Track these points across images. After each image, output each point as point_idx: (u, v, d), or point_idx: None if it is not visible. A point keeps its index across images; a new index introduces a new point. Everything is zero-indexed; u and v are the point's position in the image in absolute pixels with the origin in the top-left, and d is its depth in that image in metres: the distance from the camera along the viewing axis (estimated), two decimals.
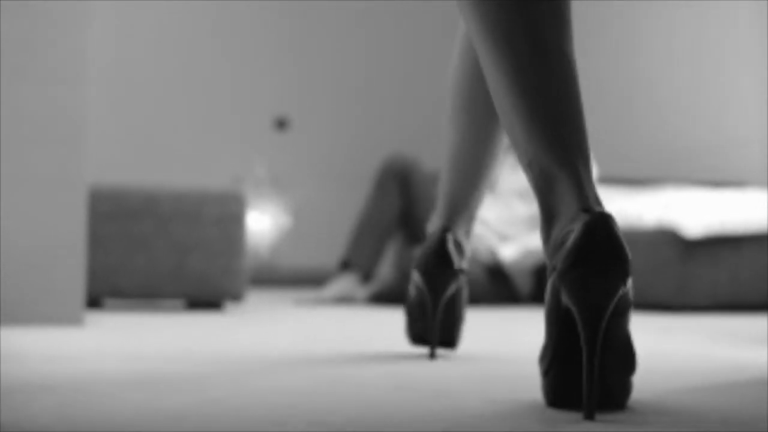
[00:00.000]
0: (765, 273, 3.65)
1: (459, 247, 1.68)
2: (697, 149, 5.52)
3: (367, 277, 4.01)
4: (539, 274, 4.13)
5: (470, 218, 1.75)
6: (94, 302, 3.19)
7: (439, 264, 1.65)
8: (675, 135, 5.69)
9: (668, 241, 3.60)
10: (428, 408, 1.14)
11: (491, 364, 1.65)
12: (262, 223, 6.25)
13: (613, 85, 6.17)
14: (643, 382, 1.43)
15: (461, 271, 1.67)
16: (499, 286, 3.95)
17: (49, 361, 1.59)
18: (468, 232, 1.74)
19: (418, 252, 1.72)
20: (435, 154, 6.80)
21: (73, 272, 2.39)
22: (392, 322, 2.73)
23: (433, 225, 1.78)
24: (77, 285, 2.39)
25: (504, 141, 1.74)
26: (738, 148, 5.25)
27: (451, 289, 1.66)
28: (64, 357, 1.66)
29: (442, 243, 1.66)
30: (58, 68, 2.42)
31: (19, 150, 2.39)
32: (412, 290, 1.76)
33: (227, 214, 3.25)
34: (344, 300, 3.92)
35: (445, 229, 1.68)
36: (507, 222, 4.05)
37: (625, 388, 1.13)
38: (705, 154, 5.46)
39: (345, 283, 3.94)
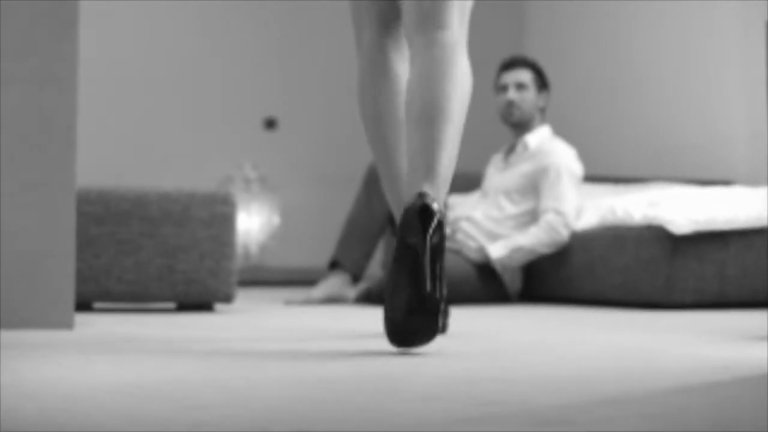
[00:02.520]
0: (750, 269, 3.66)
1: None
2: (684, 148, 5.54)
3: (356, 277, 4.02)
4: (528, 271, 4.14)
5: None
6: (83, 305, 3.19)
7: (422, 218, 1.74)
8: (662, 134, 5.71)
9: (656, 237, 3.62)
10: (416, 411, 1.15)
11: (479, 365, 1.66)
12: (251, 224, 6.25)
13: (599, 84, 6.19)
14: (630, 382, 1.44)
15: (443, 222, 1.76)
16: (489, 285, 3.96)
17: (37, 366, 1.59)
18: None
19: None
20: None
21: (62, 276, 2.39)
22: (378, 320, 2.74)
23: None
24: (67, 289, 2.39)
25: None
26: (724, 146, 5.27)
27: (435, 238, 1.74)
28: (53, 362, 1.67)
29: (421, 200, 1.75)
30: (46, 72, 2.42)
31: (7, 154, 2.39)
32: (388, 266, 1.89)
33: (216, 215, 3.25)
34: (334, 300, 3.92)
35: (422, 194, 1.76)
36: (495, 220, 4.06)
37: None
38: (691, 153, 5.48)
39: (334, 284, 3.94)
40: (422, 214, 1.73)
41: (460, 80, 1.94)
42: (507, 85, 4.17)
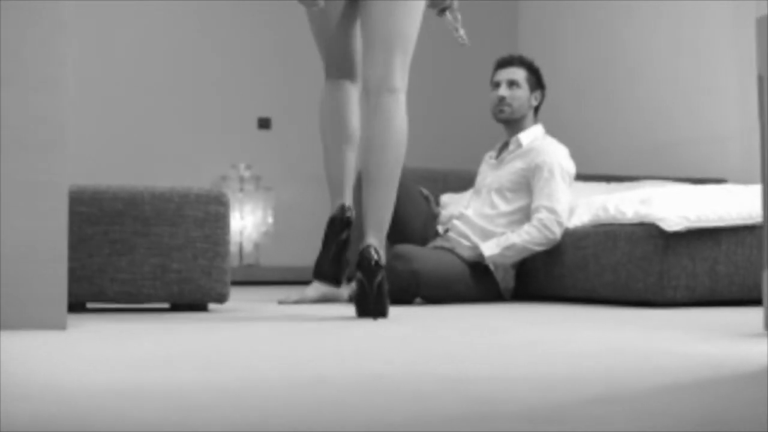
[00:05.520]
0: (742, 266, 3.68)
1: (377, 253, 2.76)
2: (677, 146, 5.55)
3: (349, 277, 4.02)
4: (521, 269, 4.14)
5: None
6: (77, 306, 3.18)
7: (371, 268, 2.73)
8: (654, 132, 5.72)
9: (648, 234, 3.62)
10: (408, 410, 1.16)
11: (472, 363, 1.66)
12: (245, 223, 6.25)
13: (592, 83, 6.20)
14: (622, 379, 1.45)
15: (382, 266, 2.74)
16: (482, 283, 3.97)
17: (30, 367, 1.60)
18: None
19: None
20: (414, 154, 6.81)
21: (55, 277, 2.39)
22: (371, 319, 2.75)
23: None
24: (60, 289, 2.39)
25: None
26: (717, 144, 5.28)
27: (379, 276, 2.72)
28: (45, 363, 1.67)
29: (369, 252, 2.75)
30: (38, 72, 2.42)
31: (0, 155, 2.39)
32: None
33: (210, 214, 3.25)
34: (327, 300, 3.92)
35: (369, 246, 2.76)
36: (487, 218, 4.07)
37: (386, 309, 2.78)
38: (684, 151, 5.49)
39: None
40: (372, 265, 2.70)
41: (400, 142, 2.85)
42: (500, 82, 4.19)
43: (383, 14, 2.84)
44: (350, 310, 3.36)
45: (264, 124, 6.54)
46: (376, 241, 2.82)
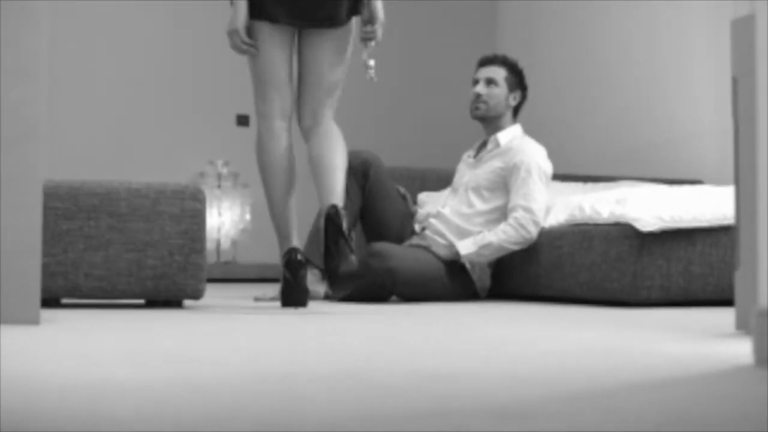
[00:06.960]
0: (716, 267, 3.70)
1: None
2: (653, 147, 5.57)
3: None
4: (496, 268, 4.16)
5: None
6: (52, 301, 3.17)
7: (335, 220, 3.03)
8: (630, 133, 5.74)
9: (623, 234, 3.64)
10: (378, 406, 1.16)
11: (444, 361, 1.67)
12: (222, 220, 6.24)
13: (569, 84, 6.22)
14: (593, 377, 1.45)
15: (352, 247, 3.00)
16: (458, 281, 3.98)
17: (1, 363, 1.59)
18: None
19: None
20: (392, 152, 6.82)
21: (29, 272, 2.38)
22: (347, 316, 2.75)
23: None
24: (33, 284, 2.38)
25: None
26: (693, 145, 5.31)
27: (344, 224, 3.00)
28: (18, 358, 1.66)
29: (335, 209, 3.04)
30: (11, 66, 2.41)
31: None
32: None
33: (186, 210, 3.25)
34: None
35: (333, 204, 3.07)
36: (464, 217, 4.08)
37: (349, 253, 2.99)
38: (660, 152, 5.52)
39: None
40: (335, 217, 2.97)
41: (342, 162, 3.22)
42: (479, 80, 4.20)
43: (316, 65, 3.34)
44: (326, 307, 3.36)
45: (242, 121, 6.53)
46: (338, 201, 3.07)
